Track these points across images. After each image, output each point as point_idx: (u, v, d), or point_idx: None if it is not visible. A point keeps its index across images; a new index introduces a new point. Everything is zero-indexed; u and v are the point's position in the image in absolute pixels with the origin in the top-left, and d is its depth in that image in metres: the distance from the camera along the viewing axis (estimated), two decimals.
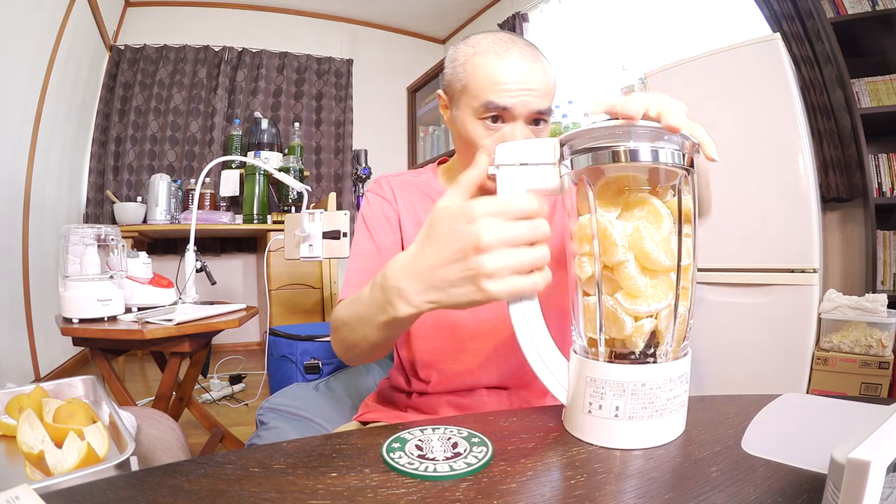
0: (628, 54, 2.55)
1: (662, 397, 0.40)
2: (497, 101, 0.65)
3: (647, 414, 0.40)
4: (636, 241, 0.40)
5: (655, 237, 0.40)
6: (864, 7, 1.74)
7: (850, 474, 0.24)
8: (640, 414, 0.40)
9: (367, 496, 0.35)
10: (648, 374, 0.40)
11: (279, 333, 1.94)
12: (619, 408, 0.40)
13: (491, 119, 0.66)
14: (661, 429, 0.41)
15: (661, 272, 0.41)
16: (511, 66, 0.65)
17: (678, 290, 0.41)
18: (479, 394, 0.74)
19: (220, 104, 3.33)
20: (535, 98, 0.65)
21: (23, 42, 2.03)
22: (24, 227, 2.09)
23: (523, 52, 0.67)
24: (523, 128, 0.66)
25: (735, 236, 1.68)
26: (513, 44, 0.67)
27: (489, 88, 0.65)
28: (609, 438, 0.41)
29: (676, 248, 0.40)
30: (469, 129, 0.68)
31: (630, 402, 0.40)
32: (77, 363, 2.61)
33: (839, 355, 1.49)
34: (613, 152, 0.39)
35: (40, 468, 0.55)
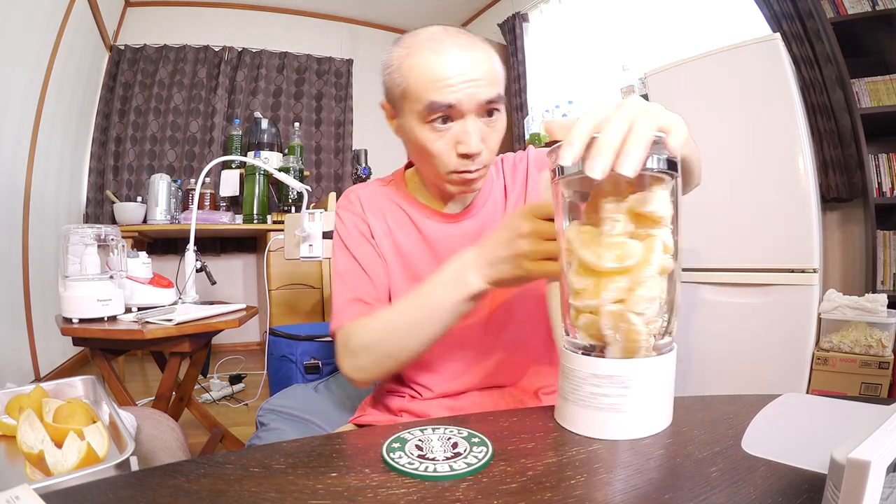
0: (628, 54, 2.55)
1: (585, 389, 0.43)
2: (440, 99, 0.60)
3: (573, 399, 0.44)
4: (571, 246, 0.43)
5: (589, 240, 0.42)
6: (864, 7, 1.74)
7: (850, 474, 0.24)
8: (568, 396, 0.45)
9: (367, 496, 0.35)
10: (575, 364, 0.44)
11: (279, 333, 1.94)
12: (560, 387, 0.46)
13: (439, 120, 0.62)
14: (584, 418, 0.44)
15: (598, 273, 0.42)
16: (449, 59, 0.61)
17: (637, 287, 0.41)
18: (471, 395, 0.74)
19: (220, 104, 3.33)
20: (481, 88, 0.61)
21: (23, 42, 2.03)
22: (24, 227, 2.09)
23: (459, 42, 0.62)
24: (474, 122, 0.63)
25: (735, 236, 1.68)
26: (447, 35, 0.63)
27: (430, 88, 0.61)
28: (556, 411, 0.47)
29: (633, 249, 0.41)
30: (418, 136, 0.64)
31: (564, 384, 0.45)
32: (77, 363, 2.61)
33: (839, 355, 1.49)
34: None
35: (40, 468, 0.55)
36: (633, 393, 0.42)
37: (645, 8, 2.54)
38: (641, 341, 0.42)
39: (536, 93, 3.13)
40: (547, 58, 3.10)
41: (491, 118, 0.64)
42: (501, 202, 0.78)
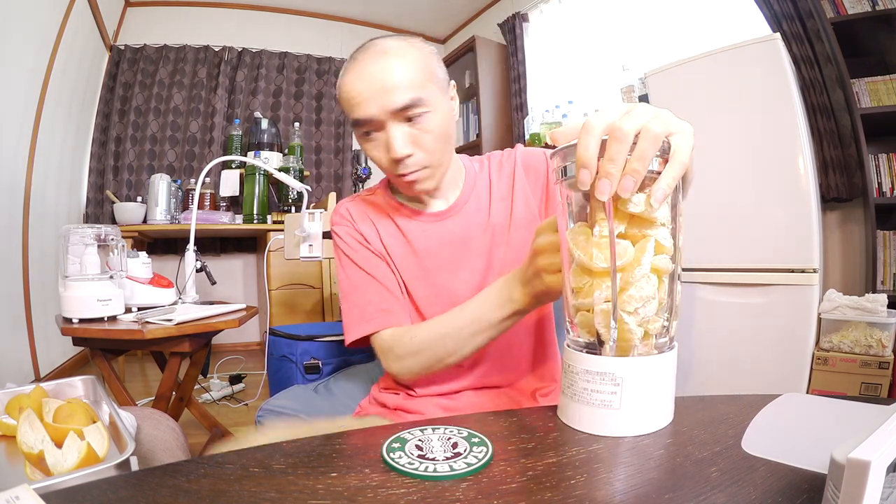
0: (628, 54, 2.55)
1: (578, 384, 0.44)
2: (357, 115, 0.65)
3: (568, 393, 0.45)
4: (569, 246, 0.44)
5: (582, 241, 0.43)
6: (864, 7, 1.74)
7: (850, 474, 0.24)
8: (565, 390, 0.46)
9: (367, 496, 0.35)
10: (588, 364, 0.44)
11: (279, 333, 1.94)
12: (566, 387, 0.46)
13: (369, 133, 0.67)
14: (576, 412, 0.45)
15: (593, 273, 0.43)
16: (360, 74, 0.64)
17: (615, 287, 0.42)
18: (465, 395, 0.75)
19: (220, 104, 3.33)
20: (391, 96, 0.63)
21: (23, 42, 2.03)
22: (24, 226, 2.09)
23: (372, 54, 0.65)
24: (398, 128, 0.65)
25: (735, 236, 1.68)
26: (364, 51, 0.66)
27: (350, 106, 0.66)
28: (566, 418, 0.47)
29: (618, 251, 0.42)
30: (362, 148, 0.70)
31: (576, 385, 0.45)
32: (77, 363, 2.61)
33: (839, 355, 1.49)
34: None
35: (40, 468, 0.55)
36: (625, 391, 0.42)
37: (645, 8, 2.54)
38: (634, 340, 0.42)
39: (536, 93, 3.13)
40: (547, 58, 3.10)
41: (412, 122, 0.66)
42: (486, 200, 0.78)
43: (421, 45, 0.68)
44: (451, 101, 0.72)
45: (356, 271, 0.77)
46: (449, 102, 0.71)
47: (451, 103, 0.71)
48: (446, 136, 0.69)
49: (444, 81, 0.70)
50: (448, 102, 0.70)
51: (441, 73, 0.70)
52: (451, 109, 0.71)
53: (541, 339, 0.77)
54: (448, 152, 0.71)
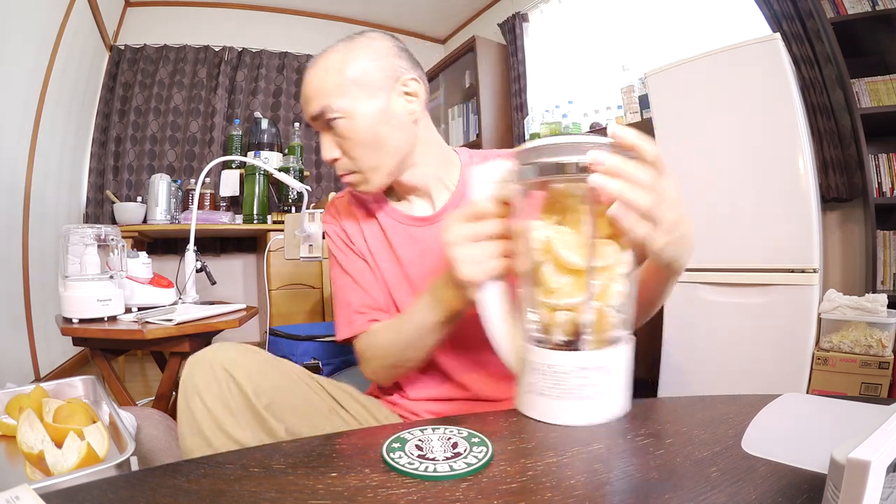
0: (628, 54, 2.55)
1: (572, 382, 0.45)
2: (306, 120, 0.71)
3: (556, 394, 0.46)
4: (549, 246, 0.46)
5: (570, 242, 0.45)
6: (864, 7, 1.74)
7: (850, 474, 0.24)
8: (549, 392, 0.46)
9: (367, 496, 0.35)
10: (557, 360, 0.46)
11: (279, 333, 1.94)
12: (532, 384, 0.47)
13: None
14: (572, 410, 0.46)
15: (577, 272, 0.45)
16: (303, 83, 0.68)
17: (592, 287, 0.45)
18: (456, 403, 0.74)
19: (220, 104, 3.33)
20: (307, 106, 0.66)
21: (23, 42, 2.03)
22: (24, 226, 2.09)
23: (314, 63, 0.67)
24: (323, 136, 0.69)
25: (735, 236, 1.68)
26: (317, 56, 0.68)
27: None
28: (526, 408, 0.49)
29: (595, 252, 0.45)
30: None
31: (541, 381, 0.47)
32: (77, 363, 2.61)
33: (839, 355, 1.49)
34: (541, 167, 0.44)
35: (40, 468, 0.55)
36: (615, 378, 0.46)
37: (645, 8, 2.54)
38: (614, 332, 0.46)
39: (536, 93, 3.13)
40: (547, 58, 3.10)
41: (331, 129, 0.66)
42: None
43: (352, 47, 0.65)
44: (400, 98, 0.67)
45: (340, 272, 0.78)
46: (382, 104, 0.65)
47: (389, 104, 0.66)
48: (371, 141, 0.65)
49: (378, 80, 0.65)
50: (380, 105, 0.65)
51: (375, 71, 0.65)
52: (388, 112, 0.65)
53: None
54: (384, 155, 0.66)
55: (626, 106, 2.41)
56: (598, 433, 0.45)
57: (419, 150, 0.71)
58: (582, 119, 2.67)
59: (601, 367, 0.45)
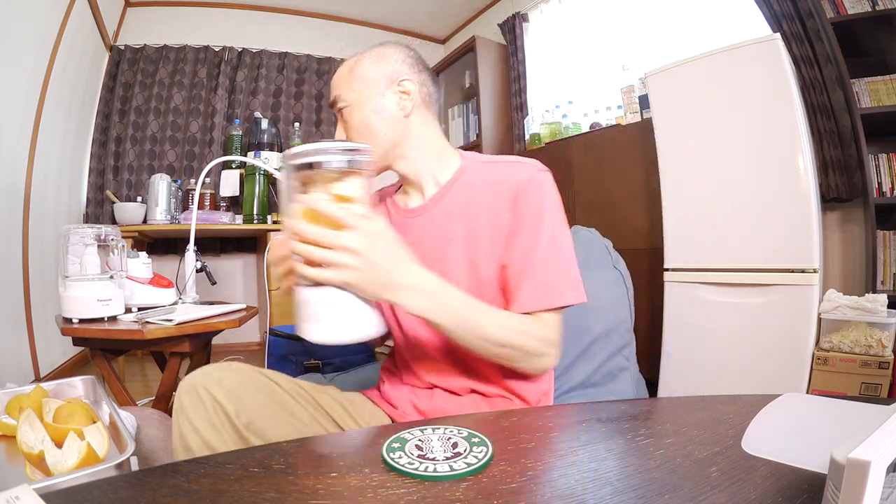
0: (628, 54, 2.55)
1: (315, 309, 0.59)
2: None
3: (307, 318, 0.59)
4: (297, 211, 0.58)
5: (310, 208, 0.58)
6: (864, 7, 1.74)
7: (850, 474, 0.24)
8: (305, 318, 0.59)
9: (367, 496, 0.35)
10: (306, 295, 0.59)
11: (279, 334, 1.94)
12: (297, 314, 0.60)
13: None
14: (318, 330, 0.58)
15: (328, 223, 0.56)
16: None
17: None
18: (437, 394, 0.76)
19: (221, 104, 3.33)
20: (330, 96, 0.79)
21: (23, 42, 2.03)
22: (24, 227, 2.09)
23: (343, 62, 0.81)
24: (338, 121, 0.79)
25: (735, 236, 1.68)
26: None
27: None
28: (299, 332, 0.60)
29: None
30: None
31: (300, 310, 0.60)
32: (77, 363, 2.61)
33: (839, 355, 1.49)
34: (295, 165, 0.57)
35: (40, 468, 0.55)
36: (337, 307, 0.58)
37: (645, 8, 2.54)
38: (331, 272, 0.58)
39: (536, 93, 3.13)
40: (547, 58, 3.10)
41: (341, 116, 0.77)
42: (456, 207, 0.75)
43: (368, 52, 0.78)
44: (394, 96, 0.76)
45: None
46: (376, 98, 0.75)
47: (382, 99, 0.75)
48: (367, 129, 0.75)
49: (377, 79, 0.75)
50: (375, 99, 0.75)
51: (375, 72, 0.76)
52: (380, 105, 0.75)
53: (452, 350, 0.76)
54: (371, 139, 0.74)
55: (626, 106, 2.41)
56: (599, 433, 0.45)
57: (411, 143, 0.78)
58: (582, 119, 2.67)
59: (326, 300, 0.57)
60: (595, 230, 1.10)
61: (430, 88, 0.79)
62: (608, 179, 2.25)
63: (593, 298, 0.97)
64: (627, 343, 0.97)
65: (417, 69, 0.78)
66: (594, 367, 0.93)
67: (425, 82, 0.78)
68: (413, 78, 0.76)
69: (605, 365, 0.93)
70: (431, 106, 0.80)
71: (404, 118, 0.76)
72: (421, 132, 0.78)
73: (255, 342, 3.40)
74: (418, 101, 0.77)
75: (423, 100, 0.77)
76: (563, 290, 0.69)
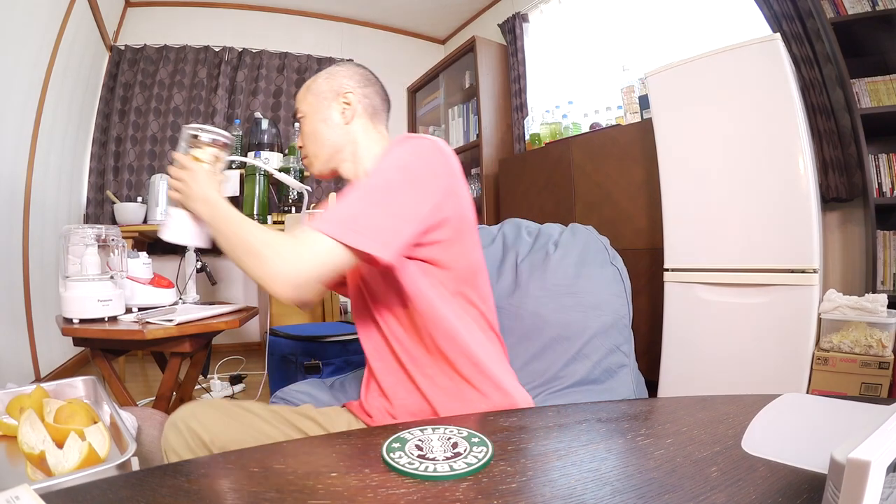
0: (628, 54, 2.55)
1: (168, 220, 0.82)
2: None
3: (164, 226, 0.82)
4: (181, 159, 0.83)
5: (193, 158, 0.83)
6: (864, 7, 1.74)
7: (850, 474, 0.24)
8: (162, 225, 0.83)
9: (367, 496, 0.35)
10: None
11: (279, 334, 1.94)
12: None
13: None
14: (165, 233, 0.81)
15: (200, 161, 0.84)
16: None
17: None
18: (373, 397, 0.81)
19: (221, 104, 3.33)
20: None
21: (23, 42, 2.03)
22: (25, 227, 2.09)
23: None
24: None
25: (735, 236, 1.68)
26: None
27: None
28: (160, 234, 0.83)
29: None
30: None
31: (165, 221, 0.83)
32: (77, 363, 2.61)
33: (839, 355, 1.49)
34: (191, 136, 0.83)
35: (41, 468, 0.55)
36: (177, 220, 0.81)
37: (645, 8, 2.54)
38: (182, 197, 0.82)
39: (536, 93, 3.13)
40: (547, 58, 3.10)
41: (300, 126, 0.88)
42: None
43: (324, 70, 0.90)
44: (339, 107, 0.86)
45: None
46: (324, 110, 0.86)
47: (329, 111, 0.86)
48: (315, 136, 0.86)
49: (326, 93, 0.86)
50: (323, 111, 0.86)
51: (325, 87, 0.87)
52: (326, 115, 0.86)
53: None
54: (319, 146, 0.86)
55: (626, 106, 2.41)
56: (599, 433, 0.45)
57: (352, 148, 0.86)
58: (582, 119, 2.67)
59: (172, 213, 0.80)
60: (592, 228, 1.10)
61: (374, 101, 0.88)
62: (608, 179, 2.25)
63: (591, 295, 0.98)
64: (626, 339, 0.97)
65: (363, 84, 0.88)
66: (593, 364, 0.93)
67: (369, 95, 0.88)
68: (357, 91, 0.87)
69: (603, 361, 0.93)
70: (376, 116, 0.89)
71: (345, 126, 0.86)
72: (362, 139, 0.86)
73: (256, 342, 3.40)
74: (360, 111, 0.86)
75: (364, 110, 0.87)
76: (348, 225, 0.63)
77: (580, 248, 1.04)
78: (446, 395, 0.74)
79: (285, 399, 1.02)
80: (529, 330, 0.98)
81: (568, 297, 0.97)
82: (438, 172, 0.70)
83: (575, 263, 1.01)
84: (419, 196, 0.68)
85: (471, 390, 0.74)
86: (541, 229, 1.13)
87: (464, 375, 0.74)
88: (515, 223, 1.18)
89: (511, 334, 0.98)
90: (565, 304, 0.97)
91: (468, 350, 0.74)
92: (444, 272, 0.74)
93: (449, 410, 0.73)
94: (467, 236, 0.76)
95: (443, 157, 0.72)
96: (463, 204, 0.74)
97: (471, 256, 0.77)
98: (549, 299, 0.98)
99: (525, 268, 1.04)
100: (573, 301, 0.97)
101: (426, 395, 0.75)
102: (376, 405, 0.80)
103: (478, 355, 0.74)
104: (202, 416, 0.71)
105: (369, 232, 0.63)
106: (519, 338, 0.98)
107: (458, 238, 0.74)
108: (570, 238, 1.06)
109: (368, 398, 0.83)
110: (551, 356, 0.95)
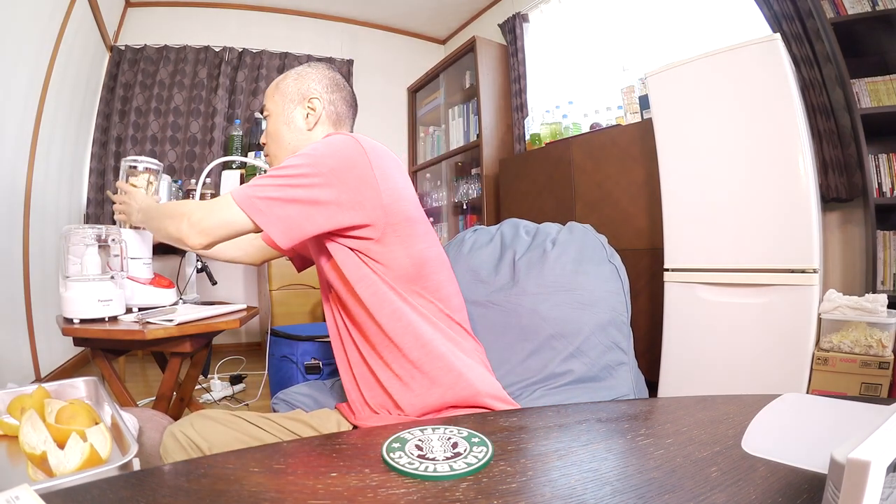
0: (628, 54, 2.55)
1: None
2: None
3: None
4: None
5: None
6: (864, 7, 1.73)
7: (850, 474, 0.24)
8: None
9: (367, 496, 0.35)
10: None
11: (280, 334, 1.94)
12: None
13: None
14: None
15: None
16: None
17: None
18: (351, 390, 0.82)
19: (221, 104, 3.33)
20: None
21: (23, 42, 2.03)
22: (25, 227, 2.09)
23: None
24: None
25: (735, 236, 1.68)
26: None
27: None
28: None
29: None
30: None
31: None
32: (78, 363, 2.61)
33: (839, 355, 1.49)
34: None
35: (42, 469, 0.55)
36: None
37: (645, 8, 2.54)
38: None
39: (536, 93, 3.13)
40: (547, 58, 3.10)
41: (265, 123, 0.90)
42: None
43: (293, 70, 0.90)
44: (303, 111, 0.86)
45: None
46: (288, 112, 0.86)
47: (293, 113, 0.86)
48: (276, 136, 0.88)
49: (292, 95, 0.87)
50: (287, 112, 0.86)
51: (292, 88, 0.87)
52: (289, 118, 0.87)
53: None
54: (280, 146, 0.87)
55: (626, 106, 2.41)
56: (599, 433, 0.45)
57: None
58: (582, 119, 2.67)
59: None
60: (590, 226, 1.10)
61: (339, 108, 0.88)
62: (608, 179, 2.26)
63: (588, 292, 0.98)
64: (624, 337, 0.97)
65: (330, 90, 0.88)
66: (591, 361, 0.93)
67: (335, 102, 0.88)
68: (323, 97, 0.87)
69: (601, 359, 0.93)
70: (340, 123, 0.89)
71: (307, 131, 0.86)
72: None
73: (256, 342, 3.40)
74: (323, 118, 0.87)
75: (328, 117, 0.87)
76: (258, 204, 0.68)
77: (577, 245, 1.04)
78: (399, 384, 0.74)
79: (286, 401, 1.02)
80: (527, 327, 0.98)
81: (565, 295, 0.97)
82: (353, 165, 0.71)
83: (572, 261, 1.01)
84: (328, 189, 0.70)
85: (420, 376, 0.73)
86: (539, 228, 1.13)
87: (411, 359, 0.73)
88: (514, 223, 1.19)
89: (509, 331, 0.98)
90: (562, 301, 0.97)
91: (416, 332, 0.73)
92: (383, 267, 0.74)
93: (403, 401, 0.73)
94: (404, 229, 0.74)
95: (359, 151, 0.72)
96: (395, 198, 0.73)
97: (412, 250, 0.75)
98: (546, 296, 0.98)
99: (522, 265, 1.04)
100: (570, 298, 0.97)
101: (384, 386, 0.76)
102: (353, 397, 0.82)
103: (425, 336, 0.74)
104: (199, 425, 0.75)
105: (274, 217, 0.68)
106: (517, 335, 0.98)
107: (392, 231, 0.73)
108: (568, 236, 1.06)
109: (350, 394, 0.83)
110: (549, 353, 0.94)
